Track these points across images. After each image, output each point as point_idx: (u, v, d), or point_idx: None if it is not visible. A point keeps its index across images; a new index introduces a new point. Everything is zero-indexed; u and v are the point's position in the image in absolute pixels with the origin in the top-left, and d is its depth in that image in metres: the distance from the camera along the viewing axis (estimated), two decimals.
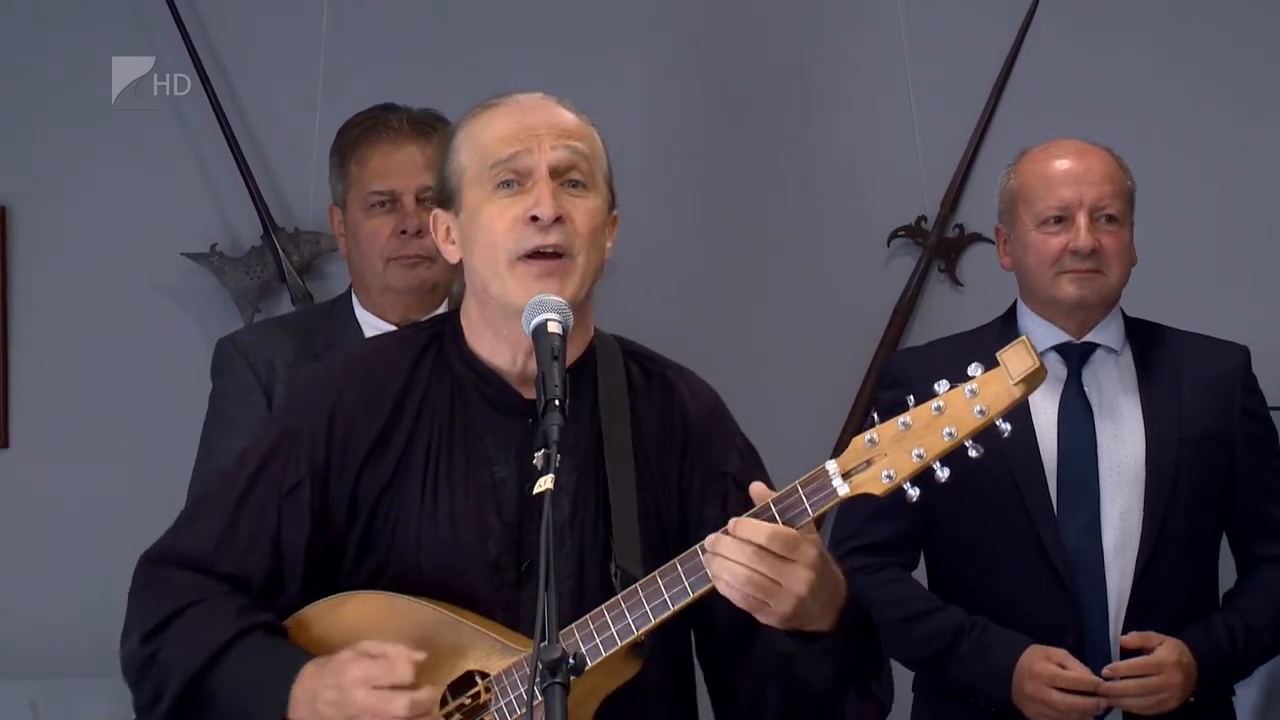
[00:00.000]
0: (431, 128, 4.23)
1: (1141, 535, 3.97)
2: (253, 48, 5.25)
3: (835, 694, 2.95)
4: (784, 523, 2.74)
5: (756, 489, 2.80)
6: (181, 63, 5.19)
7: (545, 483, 2.66)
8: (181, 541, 3.07)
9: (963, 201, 5.28)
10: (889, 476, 2.71)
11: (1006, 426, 2.68)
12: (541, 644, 2.52)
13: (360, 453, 3.04)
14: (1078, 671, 3.87)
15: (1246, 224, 5.30)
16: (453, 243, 3.06)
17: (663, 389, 3.17)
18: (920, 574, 4.27)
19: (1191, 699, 3.91)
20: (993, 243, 4.68)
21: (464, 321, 3.12)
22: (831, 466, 2.75)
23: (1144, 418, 4.04)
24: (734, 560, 2.71)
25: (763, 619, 2.77)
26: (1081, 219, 4.01)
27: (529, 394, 2.98)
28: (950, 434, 2.69)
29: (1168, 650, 3.86)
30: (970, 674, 3.97)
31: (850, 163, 5.38)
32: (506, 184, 2.95)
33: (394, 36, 5.29)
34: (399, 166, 4.17)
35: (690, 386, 3.19)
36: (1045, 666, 3.88)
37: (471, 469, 3.04)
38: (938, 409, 2.71)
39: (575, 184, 2.97)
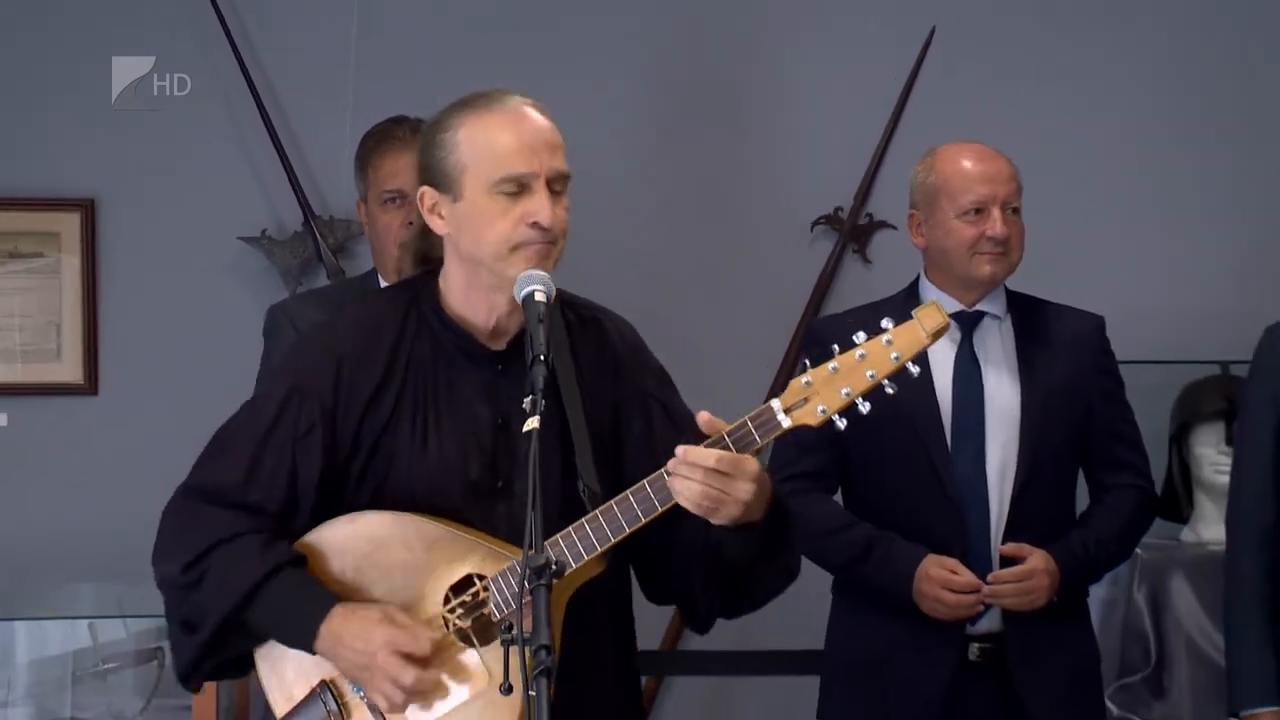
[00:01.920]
0: None
1: (1017, 467, 4.22)
2: (294, 66, 5.41)
3: (756, 567, 3.18)
4: (737, 450, 2.95)
5: (706, 419, 2.99)
6: (218, 70, 5.36)
7: (532, 423, 2.86)
8: (214, 474, 3.23)
9: (872, 195, 5.53)
10: (823, 411, 2.94)
11: (916, 369, 2.93)
12: (530, 553, 2.75)
13: (363, 400, 3.20)
14: (965, 576, 4.13)
15: (1102, 214, 5.56)
16: (441, 217, 3.21)
17: (594, 328, 3.36)
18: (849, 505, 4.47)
19: (1054, 599, 4.18)
20: (895, 229, 5.19)
21: (443, 284, 3.29)
22: (775, 404, 2.97)
23: (1020, 373, 4.30)
24: (691, 479, 2.94)
25: (714, 521, 2.99)
26: (995, 211, 4.24)
27: (496, 346, 3.23)
28: (871, 375, 2.93)
29: (1037, 559, 4.14)
30: (879, 577, 4.21)
31: (780, 162, 5.58)
32: (514, 190, 3.13)
33: (413, 51, 5.44)
34: (405, 169, 4.22)
35: (615, 324, 3.40)
36: (939, 572, 4.12)
37: (452, 409, 3.23)
38: (860, 355, 2.93)
39: (557, 186, 3.16)
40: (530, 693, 2.71)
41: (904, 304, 4.17)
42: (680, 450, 2.93)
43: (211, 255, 5.31)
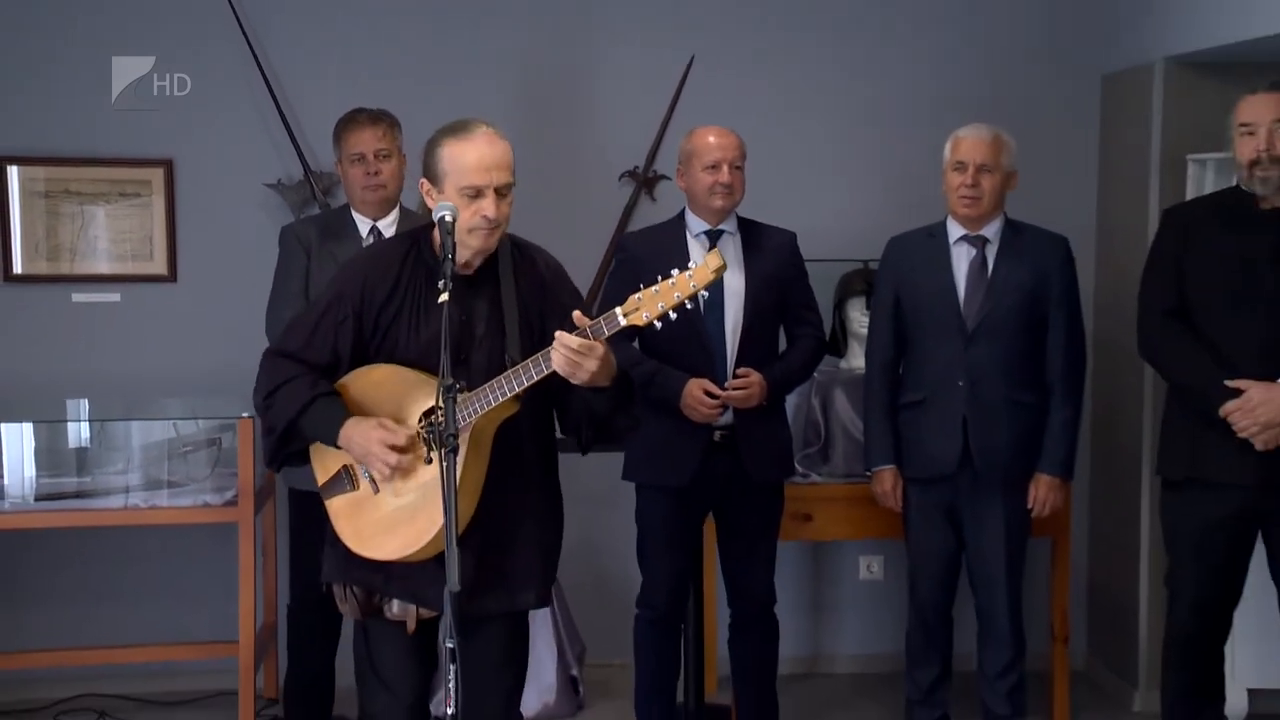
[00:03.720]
0: (381, 118, 4.51)
1: (742, 325, 4.37)
2: (295, 66, 5.32)
3: (611, 415, 3.33)
4: (592, 338, 3.07)
5: (577, 316, 3.10)
6: (242, 67, 5.25)
7: (444, 296, 3.01)
8: (287, 343, 3.39)
9: (657, 157, 5.48)
10: (646, 316, 3.04)
11: (705, 294, 3.19)
12: (441, 378, 2.94)
13: (378, 303, 3.32)
14: (710, 389, 4.26)
15: (796, 169, 5.49)
16: (432, 199, 3.27)
17: (530, 260, 3.42)
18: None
19: (765, 403, 4.36)
20: (670, 179, 5.19)
21: (433, 236, 3.33)
22: (618, 310, 3.06)
23: (745, 268, 4.41)
24: (560, 353, 3.07)
25: (573, 382, 3.13)
26: (725, 167, 4.34)
27: (464, 273, 3.29)
28: (678, 296, 3.03)
29: (755, 378, 4.31)
30: (660, 394, 4.30)
31: (598, 135, 5.50)
32: (473, 195, 3.20)
33: (374, 57, 5.34)
34: (364, 140, 4.45)
35: (545, 259, 3.47)
36: (697, 390, 4.27)
37: (434, 310, 3.16)
38: (672, 283, 3.03)
39: (503, 194, 3.23)
40: (443, 463, 2.90)
41: (677, 226, 4.48)
42: (558, 335, 3.08)
43: (245, 195, 5.36)
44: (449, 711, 2.91)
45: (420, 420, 3.25)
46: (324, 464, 3.41)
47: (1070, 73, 5.65)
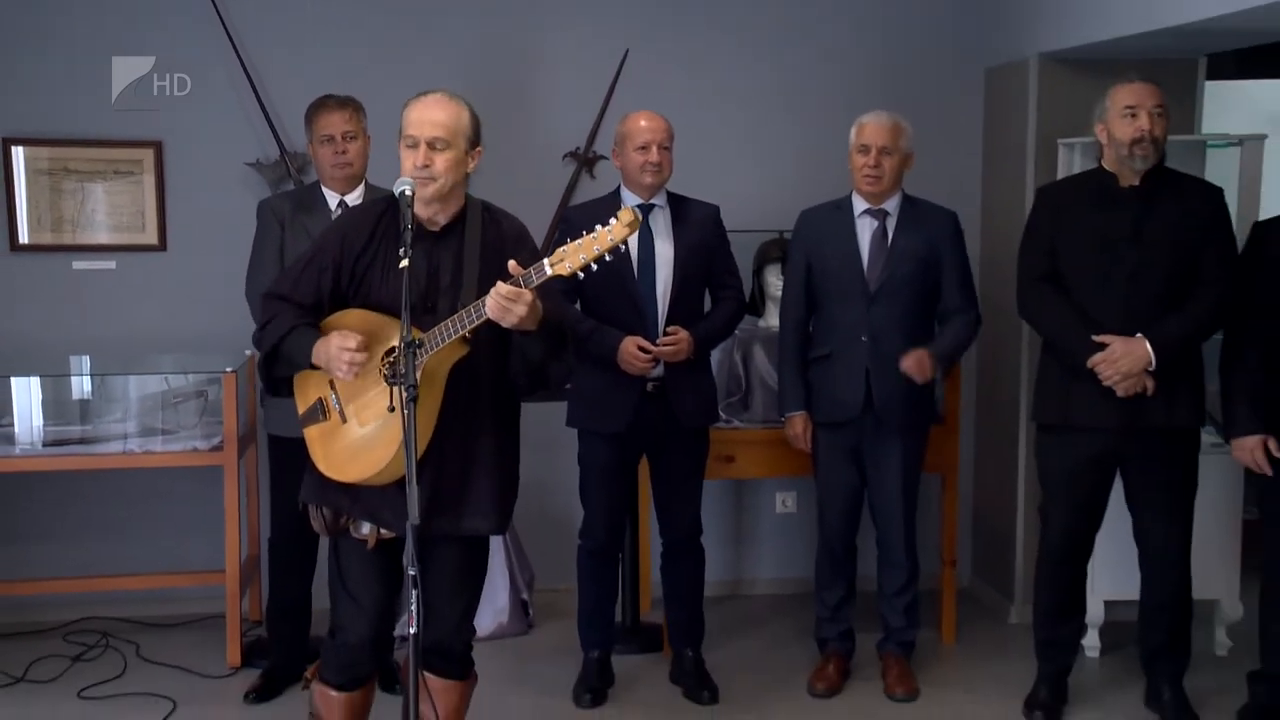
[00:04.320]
0: (347, 103, 4.45)
1: (671, 288, 4.37)
2: (272, 59, 5.26)
3: (544, 361, 3.30)
4: (523, 286, 3.07)
5: (512, 266, 3.09)
6: (222, 61, 5.19)
7: (404, 262, 3.04)
8: (279, 286, 3.40)
9: (597, 139, 5.43)
10: (570, 266, 3.06)
11: (624, 246, 3.07)
12: (404, 335, 2.97)
13: (355, 254, 3.32)
14: (644, 345, 4.27)
15: (721, 149, 5.45)
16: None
17: (495, 223, 3.40)
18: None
19: (692, 357, 4.34)
20: (607, 158, 4.97)
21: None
22: (546, 262, 3.08)
23: (673, 238, 4.40)
24: (493, 300, 3.06)
25: (504, 325, 3.11)
26: (654, 148, 4.31)
27: (432, 228, 3.31)
28: (598, 249, 3.06)
29: (683, 334, 4.31)
30: (598, 350, 4.29)
31: (544, 119, 5.44)
32: (410, 146, 3.24)
33: (335, 50, 5.27)
34: (332, 123, 4.40)
35: (510, 222, 3.44)
36: (632, 347, 4.26)
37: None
38: (594, 237, 3.07)
39: (436, 146, 3.23)
40: (405, 410, 2.93)
41: (613, 201, 4.40)
42: (496, 284, 3.09)
43: (227, 172, 5.30)
44: (411, 630, 2.91)
45: (383, 358, 3.24)
46: (304, 395, 3.40)
47: (958, 67, 5.66)
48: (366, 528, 3.36)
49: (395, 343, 3.17)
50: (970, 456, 5.75)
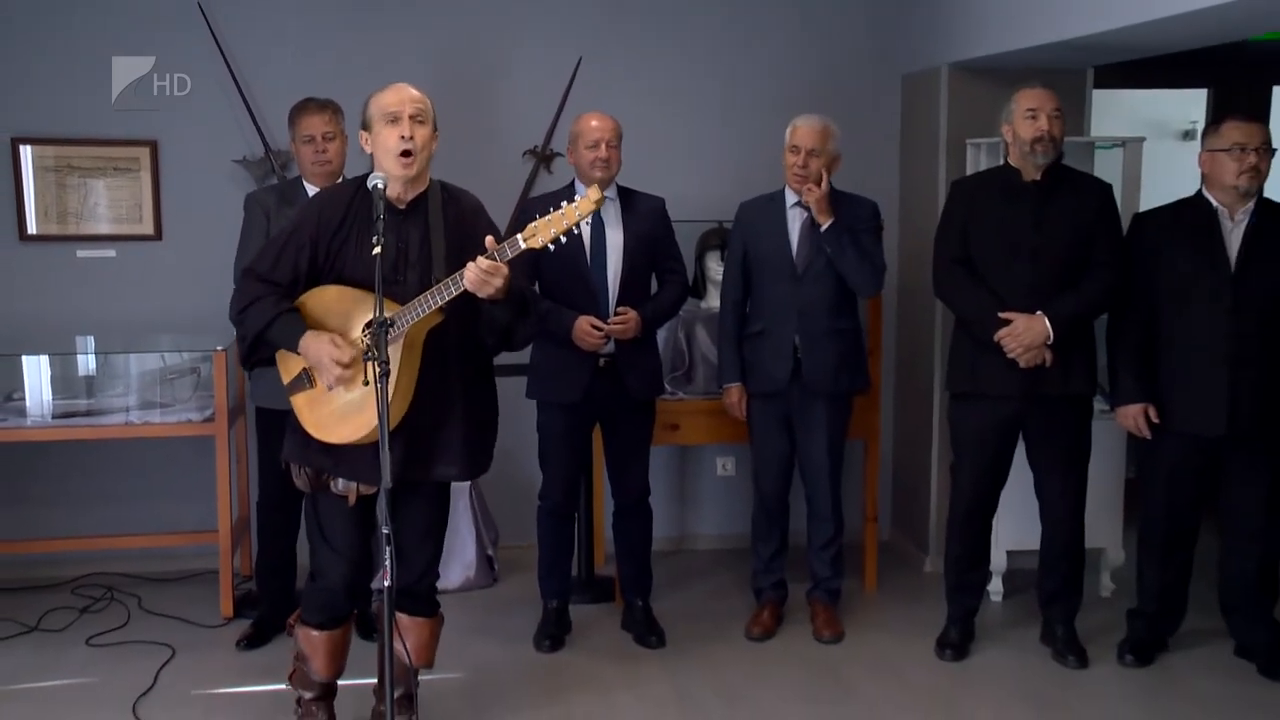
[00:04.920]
0: (327, 105, 4.40)
1: (622, 270, 4.32)
2: (260, 61, 5.17)
3: (511, 324, 3.32)
4: (499, 260, 3.09)
5: (489, 241, 3.13)
6: (211, 70, 5.12)
7: (377, 249, 3.00)
8: (258, 264, 3.33)
9: (553, 138, 5.35)
10: (542, 240, 3.08)
11: (586, 223, 3.25)
12: (378, 314, 2.94)
13: (330, 232, 3.28)
14: (596, 324, 4.22)
15: (667, 147, 5.35)
16: (368, 144, 3.28)
17: (456, 200, 3.39)
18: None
19: (640, 335, 4.31)
20: (563, 155, 5.02)
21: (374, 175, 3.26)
22: (519, 237, 3.10)
23: (623, 227, 4.34)
24: (474, 274, 3.08)
25: (481, 295, 3.13)
26: (603, 146, 4.28)
27: (400, 206, 3.28)
28: (567, 223, 3.07)
29: (632, 314, 4.26)
30: (557, 330, 4.25)
31: (507, 120, 5.37)
32: (393, 121, 3.20)
33: (317, 57, 5.20)
34: (313, 124, 4.34)
35: (468, 199, 3.44)
36: (585, 325, 4.22)
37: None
38: (562, 213, 3.08)
39: (417, 121, 3.22)
40: (378, 383, 2.90)
41: (570, 192, 4.34)
42: (477, 259, 3.10)
43: (217, 169, 5.23)
44: (386, 583, 2.91)
45: (363, 330, 3.22)
46: (288, 367, 3.38)
47: (878, 75, 5.64)
48: (342, 484, 3.35)
49: (372, 316, 3.13)
50: (890, 423, 5.74)
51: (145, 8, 5.21)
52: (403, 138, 3.21)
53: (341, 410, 3.25)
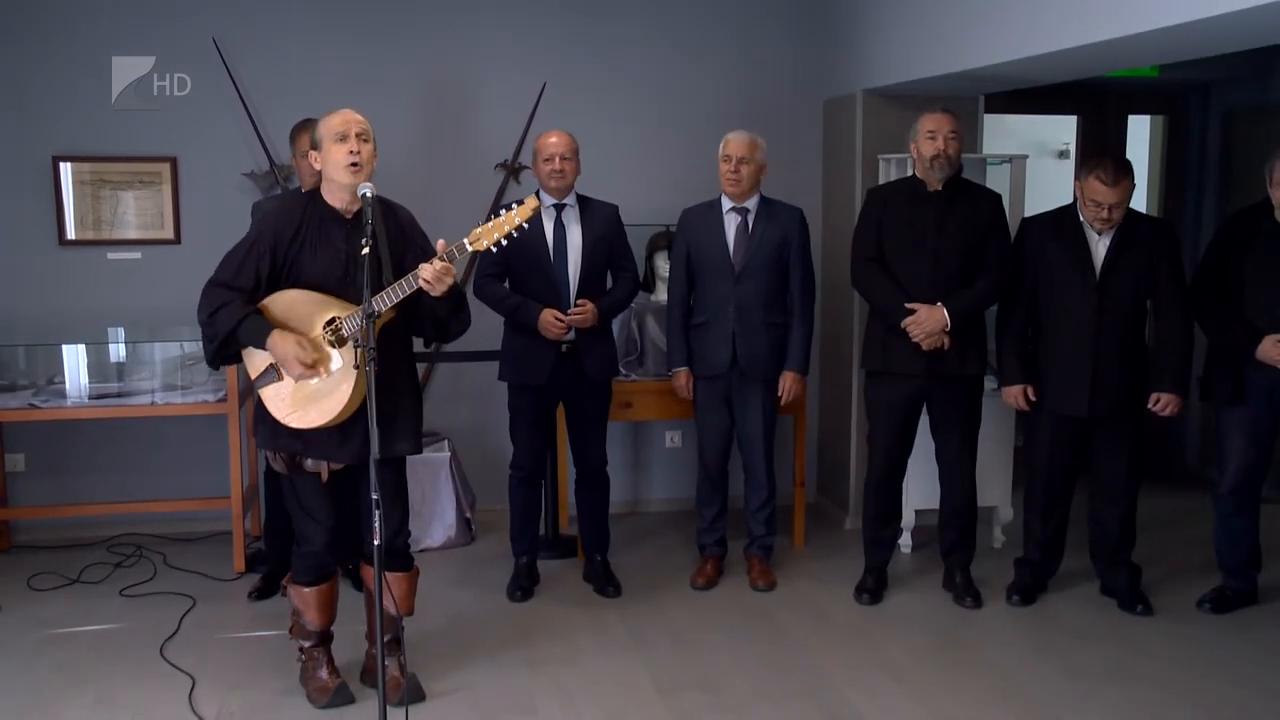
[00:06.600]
0: None
1: (581, 268, 4.25)
2: (265, 78, 5.08)
3: (449, 318, 3.29)
4: (448, 262, 3.07)
5: (440, 245, 3.08)
6: (221, 92, 5.04)
7: (365, 251, 2.96)
8: (222, 273, 3.27)
9: (521, 153, 5.26)
10: (486, 243, 3.06)
11: (525, 225, 3.06)
12: (366, 307, 2.89)
13: (286, 241, 3.23)
14: (558, 315, 4.16)
15: (620, 158, 5.28)
16: (317, 162, 3.23)
17: (393, 211, 3.32)
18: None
19: (597, 324, 4.26)
20: (529, 168, 5.01)
21: (323, 189, 3.27)
22: (466, 240, 3.08)
23: (582, 231, 4.26)
24: (431, 275, 3.06)
25: (433, 294, 3.11)
26: (558, 159, 4.19)
27: (347, 216, 3.23)
28: (507, 228, 3.06)
29: (590, 306, 4.21)
30: (524, 321, 4.18)
31: (481, 135, 5.27)
32: (341, 139, 3.15)
33: (318, 77, 5.10)
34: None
35: (401, 212, 3.36)
36: (549, 317, 4.17)
37: (327, 245, 3.20)
38: (502, 219, 3.07)
39: (362, 139, 3.16)
40: (366, 369, 2.87)
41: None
42: (432, 261, 3.08)
43: (228, 180, 5.15)
44: (376, 542, 2.88)
45: (325, 327, 3.20)
46: (254, 363, 3.32)
47: (803, 99, 5.58)
48: (311, 463, 3.34)
49: (331, 314, 3.18)
50: (816, 399, 5.68)
51: (180, 38, 5.11)
52: (351, 152, 3.18)
53: (311, 396, 3.21)
